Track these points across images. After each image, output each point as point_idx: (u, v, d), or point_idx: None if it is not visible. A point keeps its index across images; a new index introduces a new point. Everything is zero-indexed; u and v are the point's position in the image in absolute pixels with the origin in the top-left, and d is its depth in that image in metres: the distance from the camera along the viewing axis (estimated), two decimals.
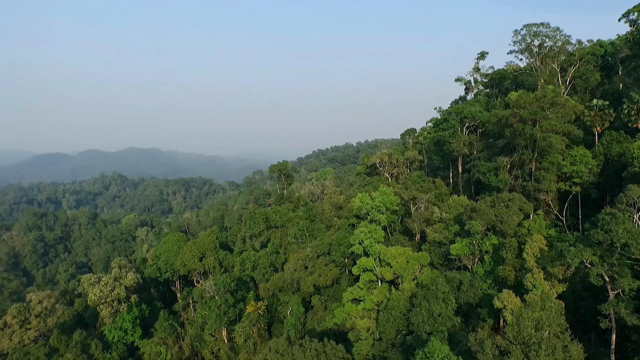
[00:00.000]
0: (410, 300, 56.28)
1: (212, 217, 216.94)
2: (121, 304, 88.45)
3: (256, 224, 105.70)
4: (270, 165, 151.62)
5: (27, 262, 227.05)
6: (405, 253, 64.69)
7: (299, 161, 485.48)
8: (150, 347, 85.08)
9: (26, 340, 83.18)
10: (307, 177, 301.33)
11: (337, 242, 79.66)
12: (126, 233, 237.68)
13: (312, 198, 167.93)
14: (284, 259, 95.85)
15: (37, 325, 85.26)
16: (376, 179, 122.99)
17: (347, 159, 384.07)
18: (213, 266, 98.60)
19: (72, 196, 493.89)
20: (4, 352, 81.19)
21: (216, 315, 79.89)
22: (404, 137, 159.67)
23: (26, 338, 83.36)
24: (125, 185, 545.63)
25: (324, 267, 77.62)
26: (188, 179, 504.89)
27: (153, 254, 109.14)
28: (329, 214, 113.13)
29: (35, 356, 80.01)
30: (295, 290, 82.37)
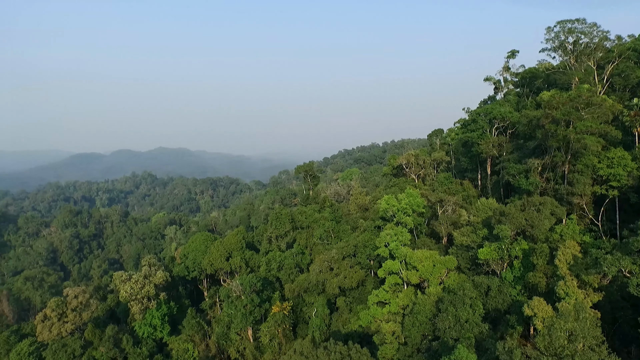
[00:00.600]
0: (437, 305, 55.41)
1: (239, 216, 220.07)
2: (151, 301, 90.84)
3: (282, 225, 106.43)
4: (296, 165, 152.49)
5: (64, 257, 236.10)
6: (432, 256, 63.80)
7: (324, 161, 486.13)
8: (178, 344, 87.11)
9: (64, 333, 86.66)
10: (332, 177, 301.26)
11: (362, 244, 79.36)
12: (156, 231, 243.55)
13: (337, 198, 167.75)
14: (309, 259, 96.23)
15: (73, 319, 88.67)
16: (402, 180, 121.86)
17: (373, 159, 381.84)
18: (239, 266, 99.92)
19: (105, 194, 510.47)
20: (45, 343, 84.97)
21: (242, 314, 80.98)
22: (431, 137, 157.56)
23: (64, 330, 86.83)
24: (155, 184, 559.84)
25: (349, 269, 77.47)
26: (215, 179, 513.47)
27: (181, 253, 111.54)
28: (354, 215, 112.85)
29: (72, 348, 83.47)
30: (321, 292, 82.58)
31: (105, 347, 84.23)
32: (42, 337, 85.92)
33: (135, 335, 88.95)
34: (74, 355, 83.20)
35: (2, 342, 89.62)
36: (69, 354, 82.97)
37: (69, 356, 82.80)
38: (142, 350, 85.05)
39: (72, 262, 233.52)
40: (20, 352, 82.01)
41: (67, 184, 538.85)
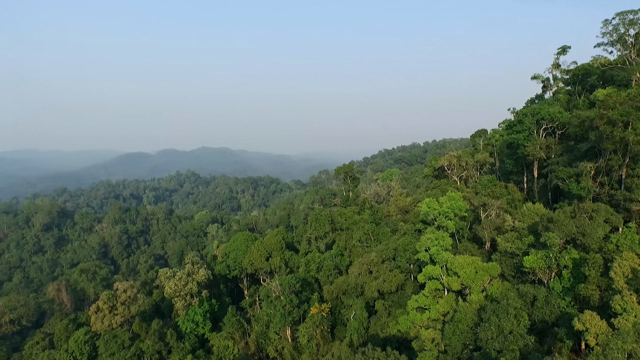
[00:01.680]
0: (479, 313, 53.52)
1: (279, 215, 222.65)
2: (193, 298, 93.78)
3: (321, 226, 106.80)
4: (336, 165, 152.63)
5: (114, 251, 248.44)
6: (474, 263, 61.87)
7: (364, 161, 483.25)
8: (219, 340, 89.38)
9: (114, 324, 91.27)
10: (372, 177, 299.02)
11: (402, 247, 78.21)
12: (198, 229, 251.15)
13: (377, 199, 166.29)
14: (348, 261, 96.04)
15: (122, 312, 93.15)
16: (444, 182, 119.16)
17: (414, 160, 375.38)
18: (279, 266, 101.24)
19: (151, 192, 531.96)
20: (98, 333, 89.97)
21: (281, 314, 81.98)
22: (473, 138, 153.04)
23: (114, 322, 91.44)
24: (198, 182, 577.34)
25: (388, 272, 76.60)
26: (256, 178, 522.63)
27: (222, 252, 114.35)
28: (394, 218, 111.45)
29: (122, 339, 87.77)
30: (359, 294, 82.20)
31: (151, 340, 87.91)
32: (95, 327, 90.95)
33: (178, 330, 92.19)
34: (123, 346, 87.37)
35: (62, 329, 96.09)
36: (119, 345, 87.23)
37: (119, 347, 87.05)
38: (185, 345, 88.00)
39: (121, 257, 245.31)
40: (78, 339, 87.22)
41: (117, 182, 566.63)
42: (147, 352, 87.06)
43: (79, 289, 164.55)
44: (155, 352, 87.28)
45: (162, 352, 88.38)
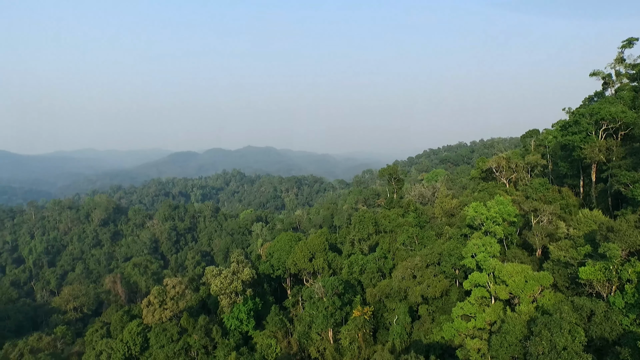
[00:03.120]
0: (528, 325, 50.92)
1: (322, 215, 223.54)
2: (238, 296, 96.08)
3: (365, 228, 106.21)
4: (379, 165, 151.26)
5: (164, 247, 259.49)
6: (524, 271, 59.16)
7: (409, 161, 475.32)
8: (262, 338, 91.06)
9: (164, 318, 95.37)
10: (417, 177, 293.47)
11: (447, 252, 76.24)
12: (243, 227, 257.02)
13: (422, 200, 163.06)
14: (392, 264, 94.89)
15: (171, 307, 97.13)
16: (492, 184, 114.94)
17: (460, 160, 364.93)
18: (322, 267, 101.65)
19: (198, 190, 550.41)
20: (149, 325, 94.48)
21: (323, 316, 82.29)
22: (524, 139, 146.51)
23: (164, 316, 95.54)
24: (243, 181, 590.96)
25: (432, 277, 74.98)
26: (300, 177, 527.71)
27: (267, 251, 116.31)
28: (439, 221, 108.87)
29: (171, 333, 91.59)
30: (402, 298, 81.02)
31: (198, 335, 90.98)
32: (147, 320, 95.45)
33: (223, 326, 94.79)
34: (172, 340, 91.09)
35: (118, 319, 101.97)
36: (168, 338, 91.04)
37: (168, 340, 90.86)
38: (230, 342, 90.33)
39: (170, 252, 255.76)
40: (131, 331, 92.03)
41: (167, 180, 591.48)
42: (194, 346, 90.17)
43: (132, 282, 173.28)
44: (201, 347, 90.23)
45: (208, 347, 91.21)
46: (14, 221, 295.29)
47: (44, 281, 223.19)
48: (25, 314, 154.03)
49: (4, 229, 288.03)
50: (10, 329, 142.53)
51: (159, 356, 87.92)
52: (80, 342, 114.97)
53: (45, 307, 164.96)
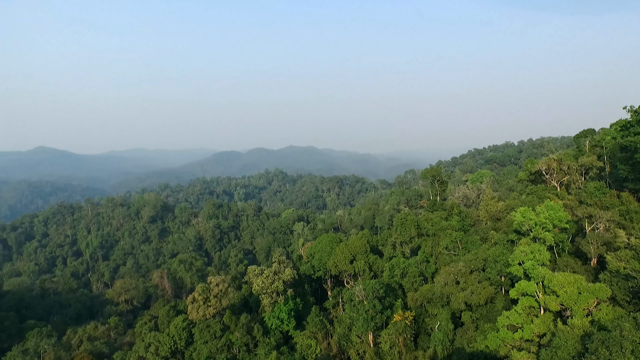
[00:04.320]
0: (583, 341, 47.65)
1: (364, 216, 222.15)
2: (279, 295, 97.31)
3: (407, 231, 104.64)
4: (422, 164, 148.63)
5: (208, 245, 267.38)
6: (577, 282, 55.92)
7: (453, 161, 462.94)
8: (303, 339, 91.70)
9: (207, 315, 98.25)
10: (461, 178, 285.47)
11: (493, 258, 73.62)
12: (285, 226, 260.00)
13: (466, 202, 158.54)
14: (434, 268, 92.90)
15: (214, 304, 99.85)
16: (541, 187, 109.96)
17: (507, 160, 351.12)
18: (363, 269, 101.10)
19: (241, 189, 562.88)
20: (194, 321, 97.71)
21: (364, 319, 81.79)
22: (578, 139, 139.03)
23: (207, 313, 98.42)
24: (285, 181, 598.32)
25: (477, 284, 72.68)
26: (342, 177, 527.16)
27: (308, 252, 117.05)
28: (484, 225, 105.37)
29: (214, 329, 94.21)
30: (445, 304, 79.05)
31: (240, 333, 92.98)
32: (191, 316, 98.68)
33: (264, 325, 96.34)
34: (215, 336, 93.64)
35: (165, 314, 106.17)
36: (211, 334, 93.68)
37: (211, 336, 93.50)
38: (270, 341, 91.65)
39: (214, 250, 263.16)
40: (177, 325, 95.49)
41: (211, 179, 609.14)
42: (236, 343, 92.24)
43: (178, 278, 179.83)
44: (243, 345, 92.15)
45: (249, 345, 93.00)
46: (74, 217, 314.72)
47: (99, 273, 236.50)
48: (83, 304, 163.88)
49: (65, 224, 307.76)
50: (72, 317, 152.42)
51: (203, 351, 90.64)
52: (131, 333, 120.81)
53: (100, 298, 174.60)
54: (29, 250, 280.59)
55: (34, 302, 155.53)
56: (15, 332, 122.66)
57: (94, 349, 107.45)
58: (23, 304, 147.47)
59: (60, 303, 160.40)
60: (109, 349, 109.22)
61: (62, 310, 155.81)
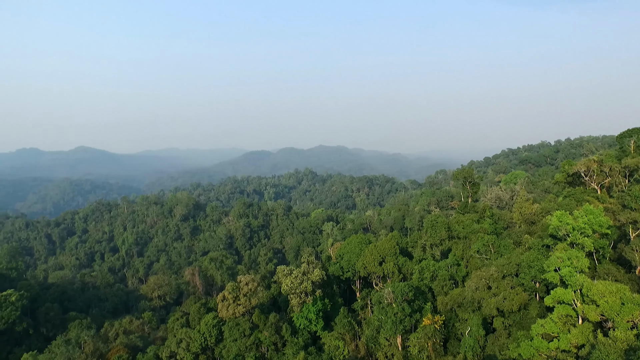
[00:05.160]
0: (627, 355, 45.11)
1: (393, 216, 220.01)
2: (308, 296, 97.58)
3: (437, 233, 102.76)
4: (454, 165, 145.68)
5: (238, 243, 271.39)
6: (620, 291, 53.18)
7: (485, 161, 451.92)
8: (331, 339, 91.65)
9: (237, 313, 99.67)
10: (494, 179, 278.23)
11: (527, 263, 71.25)
12: (314, 226, 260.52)
13: (499, 204, 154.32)
14: (465, 272, 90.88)
15: (244, 303, 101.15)
16: (580, 190, 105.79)
17: (543, 161, 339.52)
18: (392, 271, 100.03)
19: (271, 189, 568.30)
20: (224, 319, 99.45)
21: (392, 322, 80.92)
22: (622, 139, 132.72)
23: (237, 311, 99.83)
24: (314, 180, 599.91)
25: (509, 289, 70.51)
26: (371, 177, 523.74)
27: (337, 253, 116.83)
28: (518, 228, 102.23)
29: (243, 328, 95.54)
30: (476, 309, 77.20)
31: (269, 332, 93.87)
32: (221, 314, 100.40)
33: (292, 325, 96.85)
34: (244, 334, 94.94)
35: (196, 311, 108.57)
36: (241, 333, 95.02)
37: (240, 334, 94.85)
38: (299, 341, 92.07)
39: (244, 248, 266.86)
40: (207, 323, 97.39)
41: (242, 178, 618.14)
42: (265, 342, 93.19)
43: (209, 275, 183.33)
44: (271, 344, 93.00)
45: (278, 344, 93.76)
46: (111, 214, 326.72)
47: (134, 269, 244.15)
48: (119, 298, 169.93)
49: (103, 221, 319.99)
50: (109, 310, 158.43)
51: (232, 349, 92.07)
52: (164, 328, 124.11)
53: (134, 293, 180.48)
54: (70, 245, 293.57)
55: (75, 294, 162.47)
56: (59, 323, 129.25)
57: (129, 342, 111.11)
58: (65, 296, 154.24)
59: (98, 296, 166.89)
60: (143, 343, 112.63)
61: (100, 303, 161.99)
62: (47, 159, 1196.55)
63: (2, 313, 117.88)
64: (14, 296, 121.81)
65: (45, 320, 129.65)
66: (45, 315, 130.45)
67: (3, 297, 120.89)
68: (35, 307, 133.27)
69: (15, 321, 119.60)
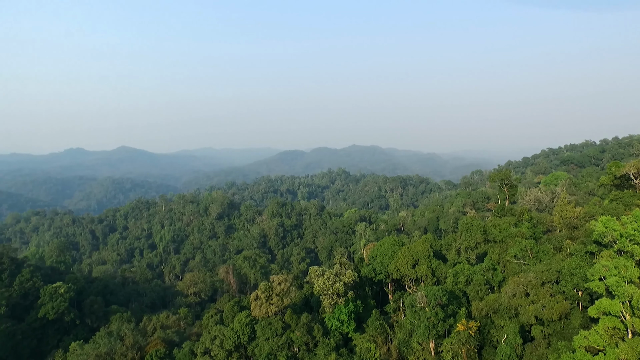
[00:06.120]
0: None
1: (427, 217, 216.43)
2: (340, 297, 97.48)
3: (472, 236, 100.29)
4: (490, 165, 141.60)
5: (272, 242, 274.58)
6: None
7: (524, 161, 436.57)
8: (362, 342, 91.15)
9: (269, 313, 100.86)
10: (533, 180, 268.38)
11: (568, 270, 68.33)
12: (347, 226, 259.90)
13: (538, 206, 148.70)
14: (501, 277, 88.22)
15: (277, 302, 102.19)
16: (629, 193, 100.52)
17: (587, 161, 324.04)
18: (425, 274, 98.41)
19: (305, 188, 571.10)
20: (256, 318, 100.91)
21: (425, 326, 79.57)
22: None
23: (269, 311, 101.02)
24: (348, 180, 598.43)
25: (549, 297, 67.86)
26: (405, 177, 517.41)
27: (369, 255, 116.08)
28: (558, 233, 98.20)
29: (275, 327, 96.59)
30: (513, 316, 74.74)
31: (301, 332, 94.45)
32: (254, 312, 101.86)
33: (324, 325, 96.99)
34: (276, 334, 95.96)
35: (229, 309, 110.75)
36: (273, 332, 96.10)
37: (272, 333, 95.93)
38: (330, 342, 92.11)
39: (277, 247, 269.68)
40: (241, 321, 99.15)
41: (275, 178, 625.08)
42: (296, 342, 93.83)
43: (242, 273, 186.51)
44: (303, 344, 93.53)
45: (309, 345, 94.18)
46: (149, 212, 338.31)
47: (170, 266, 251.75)
48: (157, 293, 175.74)
49: (142, 218, 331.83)
50: (147, 305, 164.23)
51: (265, 348, 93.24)
52: (199, 324, 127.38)
53: (171, 289, 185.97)
54: (112, 242, 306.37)
55: (116, 288, 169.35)
56: (102, 315, 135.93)
57: (166, 336, 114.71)
58: (108, 290, 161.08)
59: (137, 291, 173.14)
60: (179, 338, 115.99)
61: (139, 298, 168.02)
62: (91, 159, 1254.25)
63: (53, 304, 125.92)
64: (62, 288, 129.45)
65: (90, 312, 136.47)
66: (90, 307, 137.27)
67: (53, 289, 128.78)
68: (81, 299, 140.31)
69: (64, 312, 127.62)
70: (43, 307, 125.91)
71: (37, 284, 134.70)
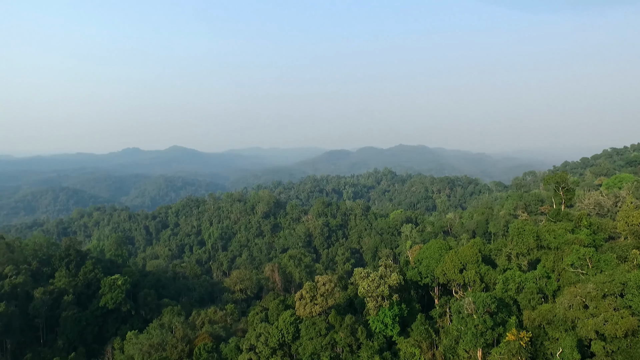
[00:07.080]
0: None
1: (476, 220, 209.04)
2: (384, 300, 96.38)
3: (524, 242, 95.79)
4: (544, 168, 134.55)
5: (317, 242, 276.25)
6: None
7: (583, 162, 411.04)
8: (406, 346, 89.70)
9: (314, 312, 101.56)
10: (593, 182, 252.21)
11: (635, 283, 63.58)
12: (393, 227, 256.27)
13: (599, 211, 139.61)
14: (556, 286, 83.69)
15: (321, 303, 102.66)
16: None
17: None
18: (473, 280, 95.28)
19: (350, 188, 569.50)
20: (300, 317, 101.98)
21: (472, 334, 77.05)
22: None
23: (314, 311, 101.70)
24: (394, 180, 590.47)
25: (612, 311, 63.46)
26: (453, 178, 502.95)
27: (415, 258, 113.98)
28: (623, 241, 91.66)
29: (319, 327, 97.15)
30: (569, 329, 70.66)
31: (344, 333, 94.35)
32: (298, 312, 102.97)
33: (368, 328, 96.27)
34: (320, 334, 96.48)
35: (275, 307, 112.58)
36: (317, 332, 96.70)
37: (316, 333, 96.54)
38: (374, 344, 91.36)
39: (322, 247, 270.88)
40: (285, 320, 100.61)
41: (321, 177, 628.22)
42: (340, 343, 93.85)
43: (287, 272, 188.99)
44: (346, 345, 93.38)
45: (353, 346, 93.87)
46: (199, 209, 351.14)
47: (218, 262, 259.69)
48: (205, 289, 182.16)
49: (192, 216, 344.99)
50: (196, 299, 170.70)
51: (308, 347, 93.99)
52: (244, 321, 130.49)
53: (219, 285, 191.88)
54: (164, 237, 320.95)
55: (167, 283, 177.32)
56: (155, 307, 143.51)
57: (213, 331, 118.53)
58: (160, 283, 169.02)
59: (187, 286, 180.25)
60: (225, 333, 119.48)
61: (189, 292, 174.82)
62: (146, 157, 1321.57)
63: (112, 294, 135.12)
64: (120, 280, 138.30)
65: (144, 304, 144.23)
66: (144, 300, 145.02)
67: (112, 281, 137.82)
68: (136, 291, 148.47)
69: (122, 302, 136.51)
70: (103, 297, 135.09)
71: (98, 275, 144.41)
